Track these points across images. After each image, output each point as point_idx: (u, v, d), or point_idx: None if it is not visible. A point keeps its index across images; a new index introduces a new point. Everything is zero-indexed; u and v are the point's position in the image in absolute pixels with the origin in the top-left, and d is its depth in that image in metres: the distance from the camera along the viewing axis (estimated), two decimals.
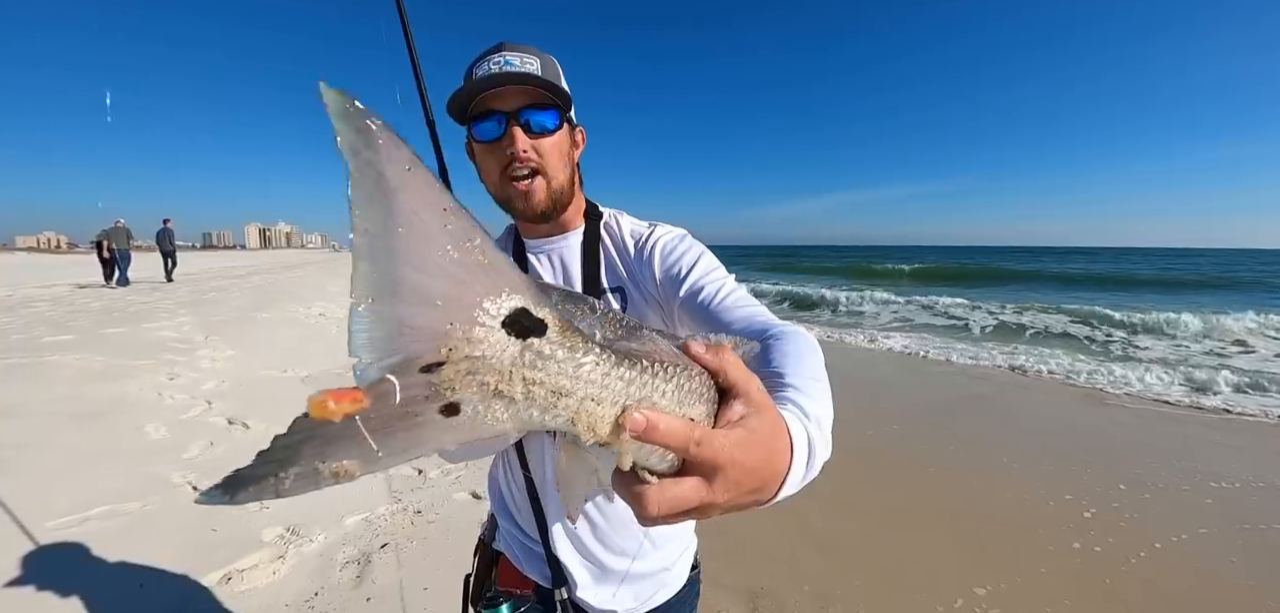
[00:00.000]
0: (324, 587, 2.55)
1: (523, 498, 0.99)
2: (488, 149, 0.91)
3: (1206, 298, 17.73)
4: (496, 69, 0.87)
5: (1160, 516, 3.37)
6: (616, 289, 0.97)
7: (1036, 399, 5.96)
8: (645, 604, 1.02)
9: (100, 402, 4.87)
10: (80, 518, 2.98)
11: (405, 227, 0.34)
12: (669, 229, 1.00)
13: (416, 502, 3.31)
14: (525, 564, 1.03)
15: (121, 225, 15.70)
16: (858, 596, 2.63)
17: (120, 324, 8.65)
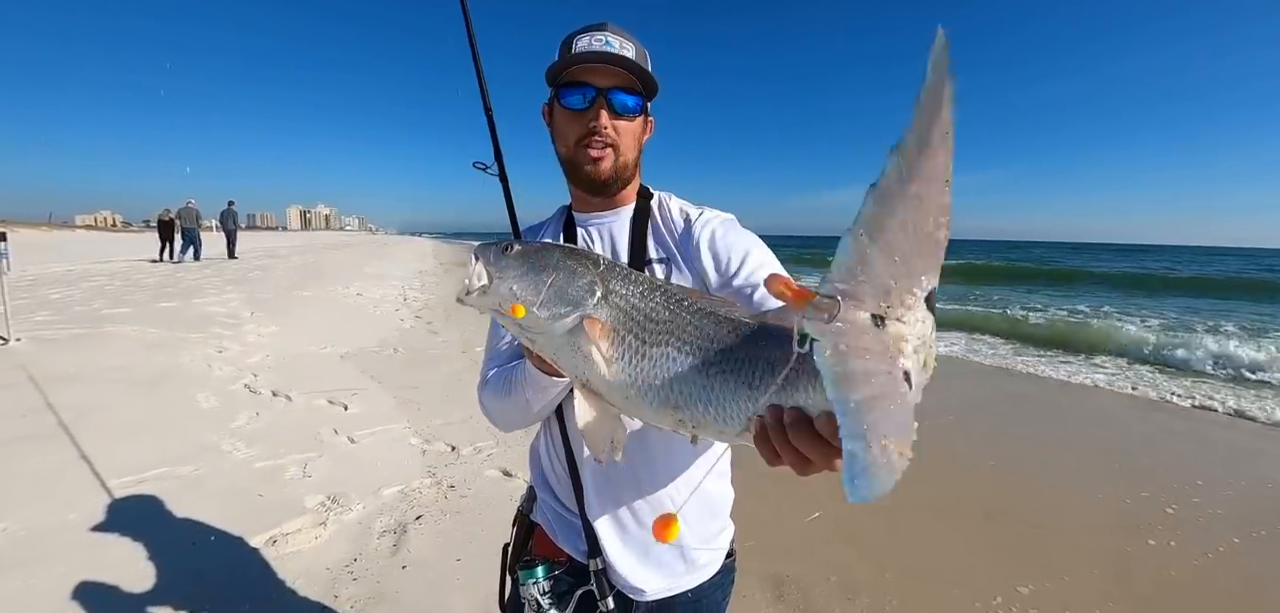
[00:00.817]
0: (362, 553, 2.65)
1: (563, 469, 1.01)
2: (572, 117, 0.97)
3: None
4: (598, 46, 0.93)
5: (1214, 523, 3.25)
6: (662, 260, 1.01)
7: (1086, 403, 5.78)
8: (677, 586, 1.02)
9: (155, 371, 5.13)
10: (139, 477, 3.16)
11: (918, 184, 0.39)
12: (719, 214, 1.03)
13: (450, 477, 3.41)
14: (560, 536, 1.04)
15: (192, 206, 16.36)
16: (888, 587, 2.61)
17: (172, 299, 9.07)
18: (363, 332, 7.53)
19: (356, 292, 11.49)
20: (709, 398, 0.67)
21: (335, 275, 14.41)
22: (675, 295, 0.73)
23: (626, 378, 0.72)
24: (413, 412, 4.50)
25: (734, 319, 0.69)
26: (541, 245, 0.79)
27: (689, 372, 0.69)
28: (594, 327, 0.72)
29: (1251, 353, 7.41)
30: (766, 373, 0.60)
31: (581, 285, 0.74)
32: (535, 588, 0.98)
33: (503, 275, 0.76)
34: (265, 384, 4.96)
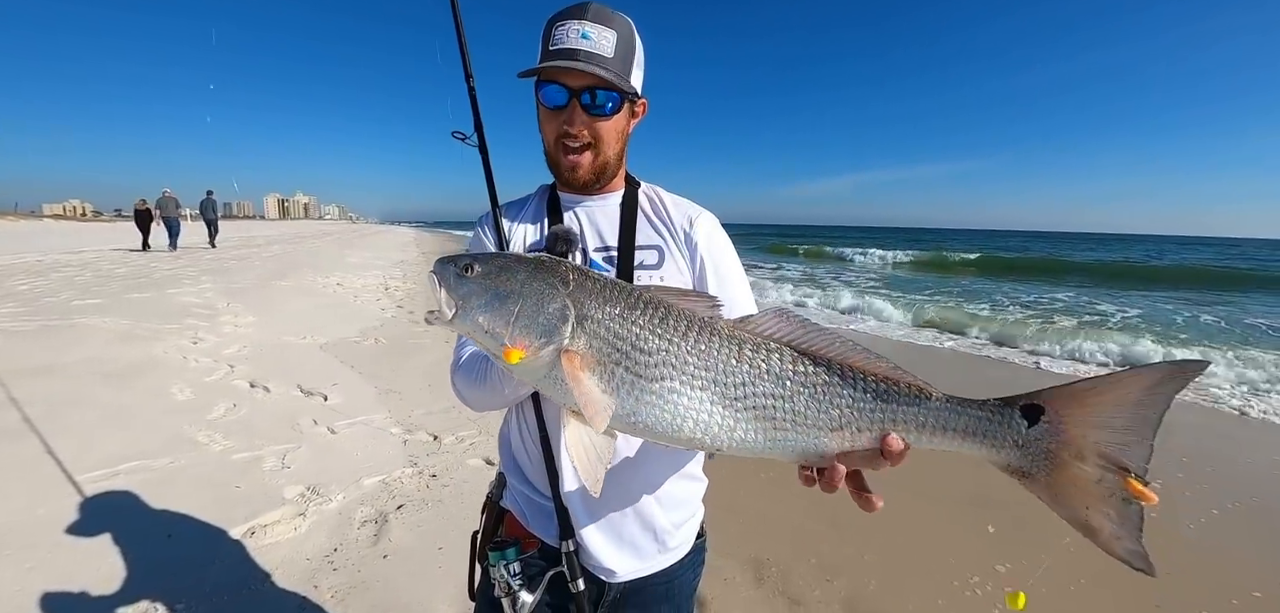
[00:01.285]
0: (343, 543, 2.63)
1: (536, 453, 1.01)
2: (549, 115, 0.97)
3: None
4: (573, 40, 0.90)
5: (1190, 504, 3.35)
6: (653, 247, 1.02)
7: None
8: (649, 567, 1.03)
9: (129, 363, 5.02)
10: (112, 471, 3.10)
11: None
12: (711, 216, 1.08)
13: (432, 466, 3.39)
14: (532, 521, 1.04)
15: (170, 195, 16.36)
16: (867, 569, 2.66)
17: (145, 290, 8.86)
18: (343, 322, 7.43)
19: (336, 282, 11.33)
20: (735, 437, 0.71)
21: (314, 265, 14.19)
22: (660, 312, 0.71)
23: (624, 411, 0.70)
24: (394, 402, 4.47)
25: (753, 357, 0.71)
26: (504, 263, 0.74)
27: (704, 410, 0.69)
28: (573, 360, 0.69)
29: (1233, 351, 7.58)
30: (818, 427, 0.71)
31: (552, 312, 0.70)
32: (506, 570, 0.97)
33: (467, 303, 0.72)
34: (243, 375, 4.88)
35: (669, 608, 1.07)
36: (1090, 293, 15.34)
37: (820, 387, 0.70)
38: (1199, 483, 3.65)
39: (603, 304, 0.71)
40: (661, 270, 1.00)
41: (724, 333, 0.72)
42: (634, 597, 1.03)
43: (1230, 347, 7.74)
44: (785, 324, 0.73)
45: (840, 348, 0.72)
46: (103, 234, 27.13)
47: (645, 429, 0.71)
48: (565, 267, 0.75)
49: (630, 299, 0.72)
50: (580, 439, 0.72)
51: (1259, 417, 5.02)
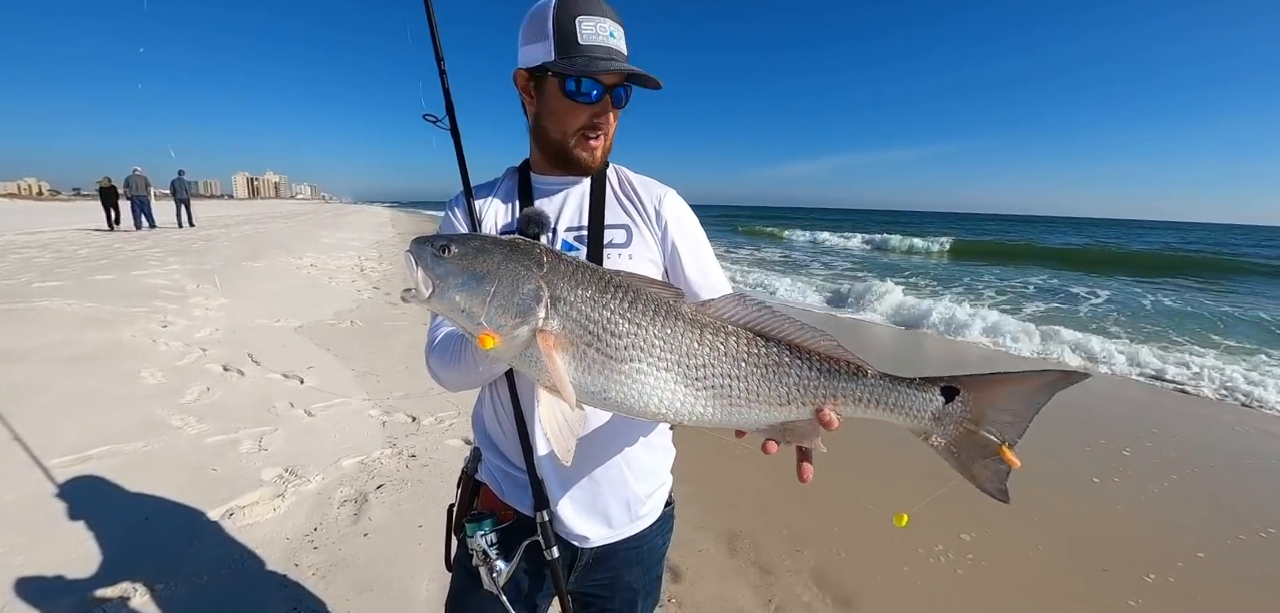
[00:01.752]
0: (323, 522, 2.66)
1: (510, 426, 1.04)
2: (576, 108, 0.99)
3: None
4: (605, 39, 0.96)
5: (1143, 478, 3.54)
6: (621, 227, 1.07)
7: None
8: (620, 532, 1.08)
9: (95, 347, 4.91)
10: (81, 457, 3.06)
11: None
12: (676, 195, 1.12)
13: (411, 447, 3.41)
14: (506, 492, 1.08)
15: (140, 173, 15.91)
16: (835, 539, 2.77)
17: (110, 272, 8.62)
18: (318, 304, 7.34)
19: (310, 263, 11.14)
20: (695, 411, 0.77)
21: (287, 246, 13.90)
22: (629, 296, 0.76)
23: (595, 388, 0.76)
24: (372, 383, 4.46)
25: (713, 340, 0.77)
26: (480, 245, 0.77)
27: (668, 388, 0.76)
28: (547, 340, 0.73)
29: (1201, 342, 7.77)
30: (769, 402, 0.79)
31: (527, 294, 0.74)
32: (482, 539, 1.01)
33: (444, 283, 0.75)
34: (215, 359, 4.82)
35: (639, 571, 1.13)
36: (1062, 277, 15.70)
37: (771, 366, 0.77)
38: (1154, 457, 3.86)
39: (575, 287, 0.75)
40: (629, 249, 1.04)
41: (687, 317, 0.78)
42: (606, 561, 1.09)
43: (1194, 334, 8.02)
44: (742, 308, 0.79)
45: (790, 329, 0.79)
46: (62, 214, 26.15)
47: (614, 404, 0.77)
48: (540, 250, 0.78)
49: (601, 283, 0.77)
50: (553, 412, 0.77)
51: (1219, 400, 5.28)
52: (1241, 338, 7.88)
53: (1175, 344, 7.17)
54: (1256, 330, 8.58)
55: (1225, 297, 12.47)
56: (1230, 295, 12.73)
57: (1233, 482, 3.57)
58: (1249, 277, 16.93)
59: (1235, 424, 4.57)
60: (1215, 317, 9.67)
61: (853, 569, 2.56)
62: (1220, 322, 9.27)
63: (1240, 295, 12.78)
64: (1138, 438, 4.13)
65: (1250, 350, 6.96)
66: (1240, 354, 6.70)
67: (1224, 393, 5.22)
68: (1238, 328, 8.72)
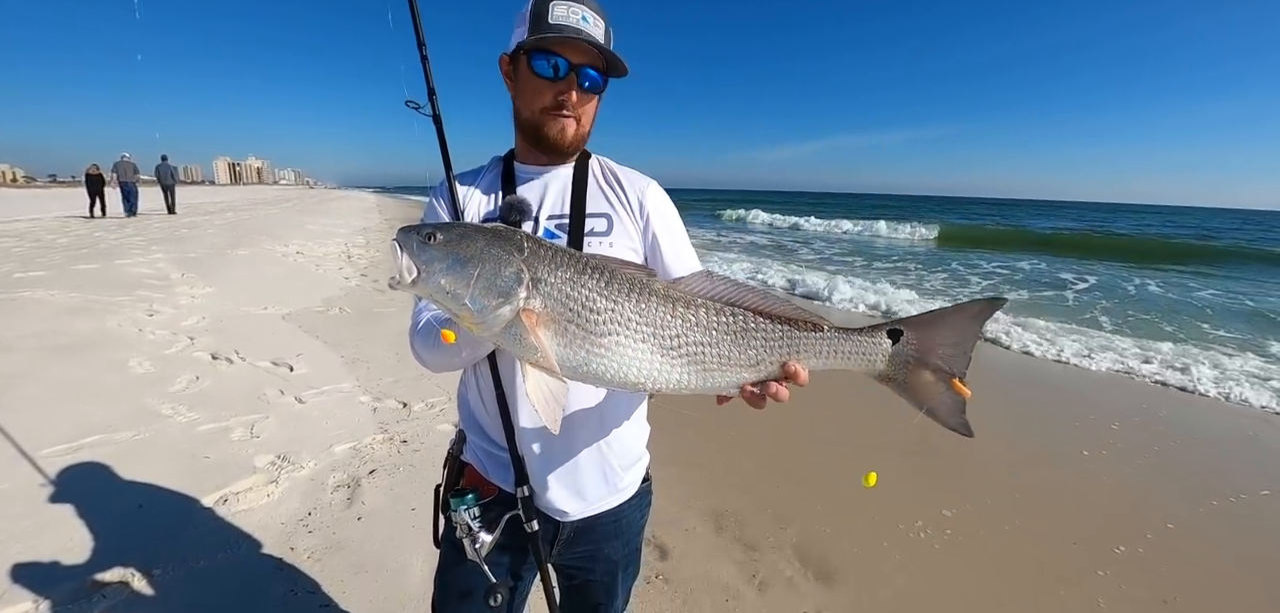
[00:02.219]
0: (317, 507, 2.70)
1: (493, 407, 1.09)
2: (542, 84, 1.03)
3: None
4: (575, 21, 0.99)
5: (1117, 460, 3.67)
6: (602, 215, 1.11)
7: (1005, 360, 6.26)
8: (599, 506, 1.14)
9: (81, 337, 4.89)
10: (72, 446, 3.07)
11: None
12: (658, 186, 1.18)
13: (402, 433, 3.46)
14: (489, 470, 1.13)
15: (128, 159, 16.27)
16: (818, 516, 2.86)
17: (91, 261, 8.51)
18: (305, 291, 7.31)
19: (296, 250, 11.05)
20: (672, 379, 0.84)
21: (272, 233, 13.76)
22: (605, 276, 0.82)
23: (577, 361, 0.82)
24: (362, 370, 4.48)
25: (685, 312, 0.84)
26: (464, 232, 0.82)
27: (646, 358, 0.83)
28: (530, 318, 0.79)
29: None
30: (740, 365, 0.85)
31: (509, 276, 0.79)
32: (466, 514, 1.06)
33: (429, 268, 0.79)
34: (204, 347, 4.81)
35: (618, 543, 1.19)
36: (1050, 261, 15.87)
37: (739, 332, 0.85)
38: (1126, 438, 3.99)
39: (554, 269, 0.81)
40: (611, 237, 1.08)
41: (660, 293, 0.84)
42: (586, 534, 1.15)
43: (1176, 325, 8.12)
44: (710, 283, 0.87)
45: (754, 298, 0.87)
46: (38, 202, 25.62)
47: (595, 377, 0.83)
48: (520, 235, 0.83)
49: (578, 265, 0.82)
50: (539, 386, 0.82)
51: (1203, 393, 5.44)
52: (1231, 329, 7.90)
53: (1164, 336, 7.14)
54: (1242, 321, 8.56)
55: (1210, 283, 12.61)
56: (1220, 282, 12.80)
57: (1207, 458, 3.71)
58: (1240, 262, 17.08)
59: (1210, 410, 4.73)
60: (1204, 306, 9.75)
61: (835, 545, 2.65)
62: (1209, 310, 9.36)
63: (1230, 282, 12.85)
64: (1122, 416, 4.27)
65: (1240, 342, 6.96)
66: (1227, 345, 6.78)
67: (1216, 393, 5.16)
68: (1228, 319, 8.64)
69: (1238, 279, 13.29)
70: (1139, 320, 8.30)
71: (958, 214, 45.89)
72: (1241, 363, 5.70)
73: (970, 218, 40.85)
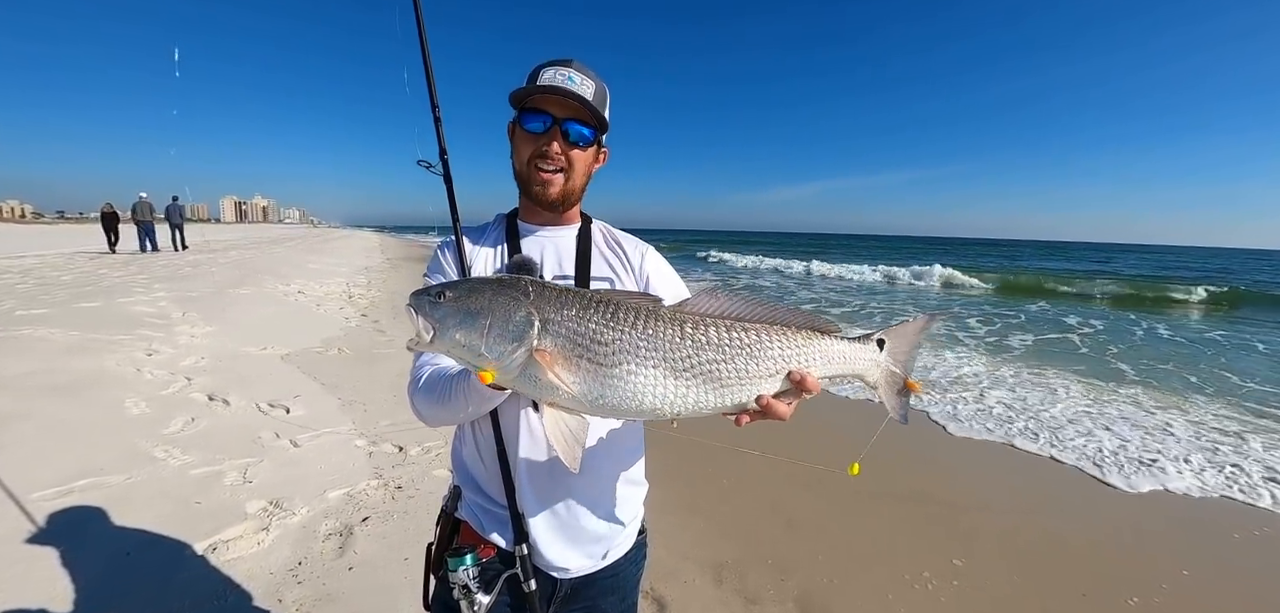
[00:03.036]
0: (307, 556, 2.64)
1: (492, 463, 1.08)
2: (529, 138, 1.09)
3: None
4: (561, 81, 1.05)
5: (1127, 508, 3.60)
6: (605, 279, 1.14)
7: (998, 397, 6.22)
8: (597, 562, 1.13)
9: (78, 376, 4.86)
10: (64, 489, 3.03)
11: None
12: (655, 250, 1.23)
13: (397, 478, 3.41)
14: (487, 527, 1.11)
15: (146, 200, 17.59)
16: (820, 568, 2.80)
17: (94, 298, 8.53)
18: (305, 331, 7.31)
19: (298, 289, 11.09)
20: (689, 400, 0.85)
21: (275, 272, 13.83)
22: (610, 307, 0.84)
23: (592, 395, 0.83)
24: (358, 413, 4.45)
25: (694, 332, 0.85)
26: (471, 286, 0.84)
27: (659, 383, 0.83)
28: (544, 358, 0.81)
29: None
30: (756, 378, 0.87)
31: (519, 320, 0.81)
32: (464, 573, 1.04)
33: (444, 325, 0.81)
34: (201, 388, 4.78)
35: (615, 599, 1.17)
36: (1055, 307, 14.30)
37: (753, 346, 0.86)
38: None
39: (561, 307, 0.83)
40: None
41: (666, 316, 0.85)
42: (583, 591, 1.13)
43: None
44: (716, 300, 0.89)
45: (762, 310, 0.89)
46: (45, 238, 25.87)
47: (612, 408, 0.84)
48: (524, 281, 0.86)
49: (583, 301, 0.84)
50: (557, 424, 0.84)
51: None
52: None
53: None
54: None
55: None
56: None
57: (1219, 504, 3.65)
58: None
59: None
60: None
61: (838, 596, 2.59)
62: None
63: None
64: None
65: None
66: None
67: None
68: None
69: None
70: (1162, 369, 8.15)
71: (961, 255, 45.53)
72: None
73: (976, 259, 39.77)
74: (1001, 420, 4.98)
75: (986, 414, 5.15)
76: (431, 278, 1.14)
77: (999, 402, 5.52)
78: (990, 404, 5.45)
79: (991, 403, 5.47)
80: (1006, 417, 5.08)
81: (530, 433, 1.07)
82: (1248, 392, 6.36)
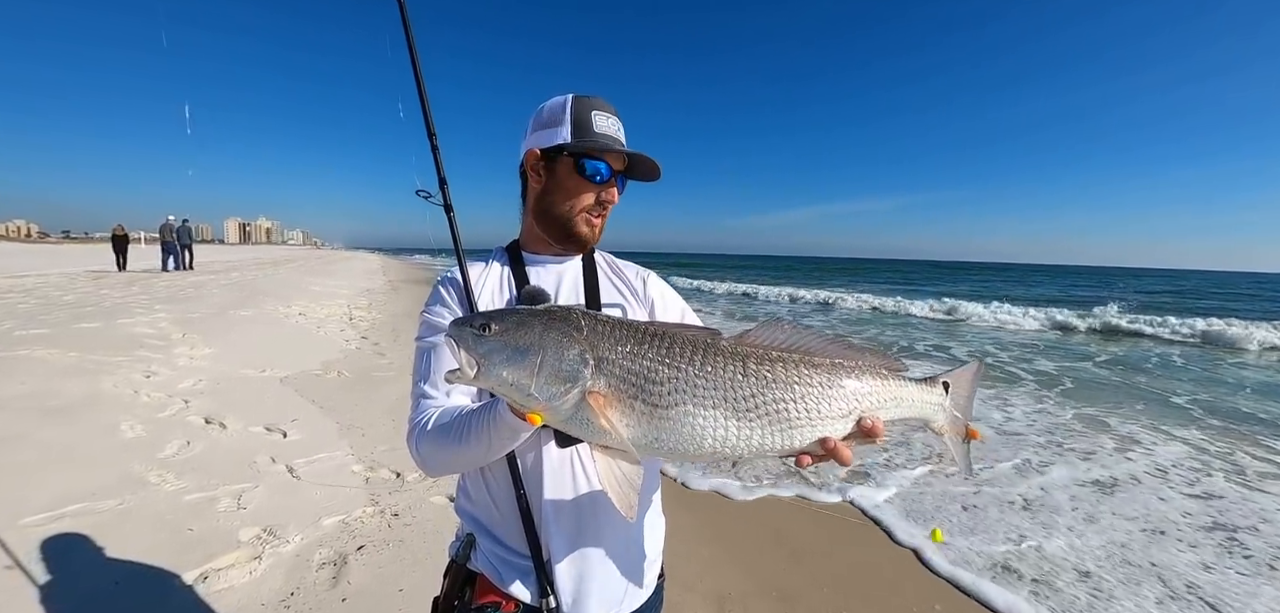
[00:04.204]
0: (300, 587, 2.58)
1: (510, 510, 1.02)
2: (588, 185, 1.07)
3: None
4: (615, 130, 1.08)
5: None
6: (615, 306, 1.13)
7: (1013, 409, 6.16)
8: (625, 607, 1.07)
9: (74, 398, 4.83)
10: (55, 515, 2.98)
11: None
12: (655, 273, 1.24)
13: (394, 505, 3.35)
14: (506, 580, 1.03)
15: (171, 222, 19.59)
16: (825, 599, 2.73)
17: (94, 319, 8.52)
18: (305, 354, 7.28)
19: (299, 311, 11.08)
20: (754, 442, 0.78)
21: (276, 293, 13.85)
22: (665, 343, 0.78)
23: (648, 438, 0.76)
24: (356, 438, 4.40)
25: (758, 368, 0.79)
26: (520, 319, 0.77)
27: (720, 424, 0.76)
28: (598, 400, 0.74)
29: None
30: (828, 419, 0.80)
31: (573, 358, 0.74)
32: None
33: (489, 361, 0.74)
34: (198, 411, 4.74)
35: None
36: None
37: (823, 384, 0.80)
38: None
39: (615, 344, 0.76)
40: None
41: (727, 351, 0.79)
42: None
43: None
44: (780, 332, 0.82)
45: (833, 347, 0.83)
46: (54, 258, 25.98)
47: (670, 452, 0.77)
48: (577, 313, 0.79)
49: (639, 335, 0.78)
50: (611, 470, 0.78)
51: None
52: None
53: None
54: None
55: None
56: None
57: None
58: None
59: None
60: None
61: None
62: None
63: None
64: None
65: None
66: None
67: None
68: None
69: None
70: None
71: (964, 281, 44.87)
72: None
73: (978, 285, 38.70)
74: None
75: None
76: (432, 314, 1.08)
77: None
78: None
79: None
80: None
81: (553, 472, 1.01)
82: None
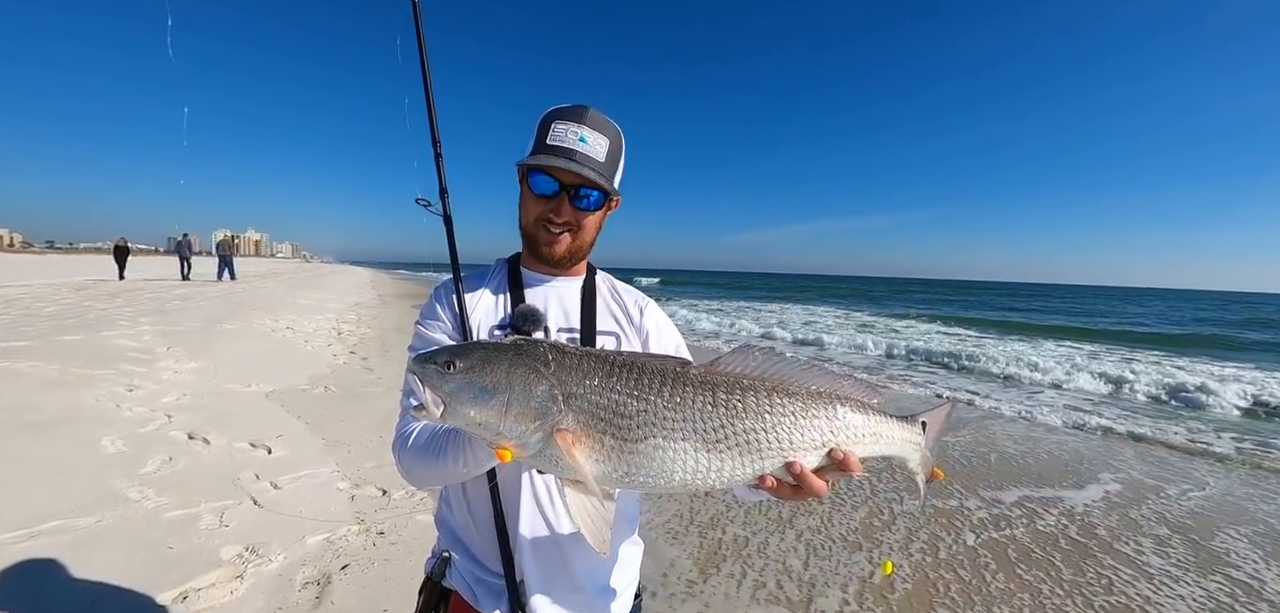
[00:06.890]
0: (282, 607, 2.54)
1: (487, 528, 1.02)
2: (537, 199, 1.05)
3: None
4: (572, 141, 0.99)
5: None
6: (610, 333, 1.11)
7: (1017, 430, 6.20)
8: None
9: (54, 412, 4.74)
10: (30, 533, 2.91)
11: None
12: (654, 302, 1.20)
13: (380, 523, 3.31)
14: (480, 599, 1.04)
15: (188, 236, 23.35)
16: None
17: (76, 331, 8.39)
18: (291, 368, 7.20)
19: (286, 325, 10.98)
20: (724, 474, 0.76)
21: (264, 306, 13.72)
22: (634, 374, 0.75)
23: (618, 472, 0.74)
24: (342, 454, 4.35)
25: (728, 398, 0.76)
26: (484, 355, 0.75)
27: (690, 457, 0.74)
28: (565, 437, 0.72)
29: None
30: (786, 454, 0.78)
31: (540, 396, 0.72)
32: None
33: (456, 400, 0.72)
34: (181, 426, 4.67)
35: None
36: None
37: (797, 414, 0.78)
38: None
39: (583, 377, 0.74)
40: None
41: (696, 381, 0.76)
42: None
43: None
44: (753, 360, 0.80)
45: (807, 374, 0.81)
46: (48, 267, 25.59)
47: (641, 484, 0.76)
48: (542, 347, 0.77)
49: (606, 367, 0.76)
50: (582, 506, 0.76)
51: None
52: None
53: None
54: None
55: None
56: None
57: None
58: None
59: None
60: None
61: None
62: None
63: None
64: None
65: None
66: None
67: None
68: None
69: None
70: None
71: (964, 303, 44.29)
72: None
73: (981, 306, 38.15)
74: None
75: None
76: (425, 326, 1.09)
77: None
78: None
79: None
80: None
81: (533, 497, 1.02)
82: None
